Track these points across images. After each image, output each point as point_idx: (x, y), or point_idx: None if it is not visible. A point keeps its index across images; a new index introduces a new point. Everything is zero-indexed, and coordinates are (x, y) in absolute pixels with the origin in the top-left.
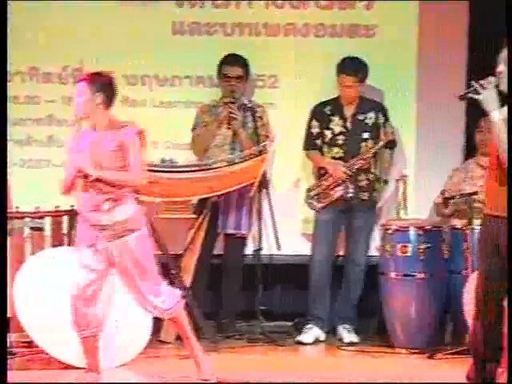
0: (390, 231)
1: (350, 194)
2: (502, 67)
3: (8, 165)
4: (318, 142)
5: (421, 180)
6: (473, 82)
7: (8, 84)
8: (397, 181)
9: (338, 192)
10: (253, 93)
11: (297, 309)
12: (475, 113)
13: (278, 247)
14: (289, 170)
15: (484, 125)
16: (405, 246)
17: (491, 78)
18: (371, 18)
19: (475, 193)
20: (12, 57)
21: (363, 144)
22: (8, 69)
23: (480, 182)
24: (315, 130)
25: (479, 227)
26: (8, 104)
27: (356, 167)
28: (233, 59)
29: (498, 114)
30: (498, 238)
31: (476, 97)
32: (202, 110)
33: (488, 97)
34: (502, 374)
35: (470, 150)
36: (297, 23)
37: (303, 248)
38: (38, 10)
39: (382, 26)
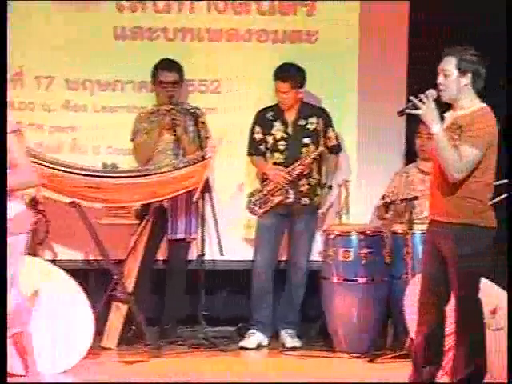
0: (332, 236)
1: (290, 199)
2: (441, 79)
3: None
4: (262, 147)
5: (363, 185)
6: (411, 98)
7: None
8: (339, 186)
9: (278, 197)
10: (194, 97)
11: (240, 314)
12: (415, 118)
13: (221, 252)
14: (232, 175)
15: (423, 130)
16: (347, 251)
17: (431, 91)
18: (313, 24)
19: (415, 198)
20: None
21: (304, 149)
22: None
23: (420, 187)
24: (258, 136)
25: (419, 232)
26: None
27: (296, 173)
28: (169, 65)
29: (438, 127)
30: (441, 243)
31: (414, 112)
32: (140, 118)
33: (427, 111)
34: (442, 377)
35: (411, 155)
36: (239, 28)
37: (246, 253)
38: None
39: (324, 32)
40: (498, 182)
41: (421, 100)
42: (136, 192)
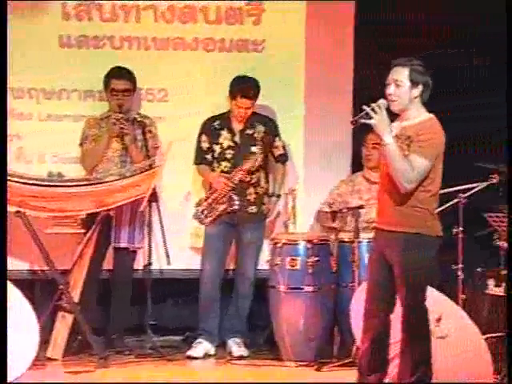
0: (279, 245)
1: (235, 207)
2: (392, 89)
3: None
4: (208, 156)
5: (309, 194)
6: (364, 107)
7: None
8: (286, 195)
9: (223, 205)
10: (141, 106)
11: (187, 323)
12: (362, 127)
13: (168, 261)
14: (180, 184)
15: (369, 139)
16: (294, 260)
17: (382, 101)
18: (259, 33)
19: (361, 206)
20: None
21: (252, 158)
22: None
23: (366, 196)
24: (205, 145)
25: (366, 240)
26: None
27: (237, 178)
28: (120, 73)
29: (390, 138)
30: (388, 251)
31: (368, 122)
32: (89, 124)
33: (380, 120)
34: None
35: (358, 164)
36: (186, 37)
37: (194, 262)
38: None
39: (270, 41)
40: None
41: (373, 109)
42: (82, 201)
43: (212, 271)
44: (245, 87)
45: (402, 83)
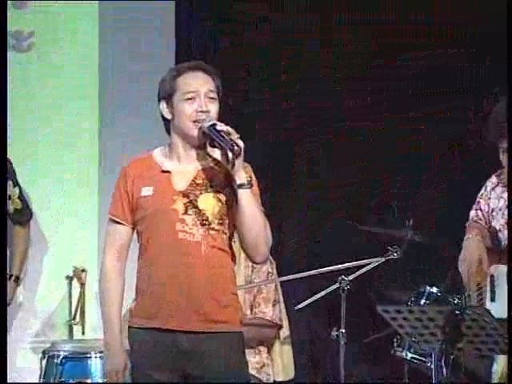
0: (57, 360)
1: None
2: (204, 103)
3: None
4: None
5: None
6: (226, 129)
7: None
8: (69, 279)
9: None
10: None
11: None
12: None
13: None
14: None
15: None
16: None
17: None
18: (24, 22)
19: None
20: None
21: None
22: None
23: None
24: None
25: None
26: None
27: None
28: None
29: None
30: (197, 362)
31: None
32: None
33: (242, 151)
34: None
35: None
36: None
37: None
38: None
39: (42, 35)
40: None
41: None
42: None
43: None
44: None
45: (215, 97)
